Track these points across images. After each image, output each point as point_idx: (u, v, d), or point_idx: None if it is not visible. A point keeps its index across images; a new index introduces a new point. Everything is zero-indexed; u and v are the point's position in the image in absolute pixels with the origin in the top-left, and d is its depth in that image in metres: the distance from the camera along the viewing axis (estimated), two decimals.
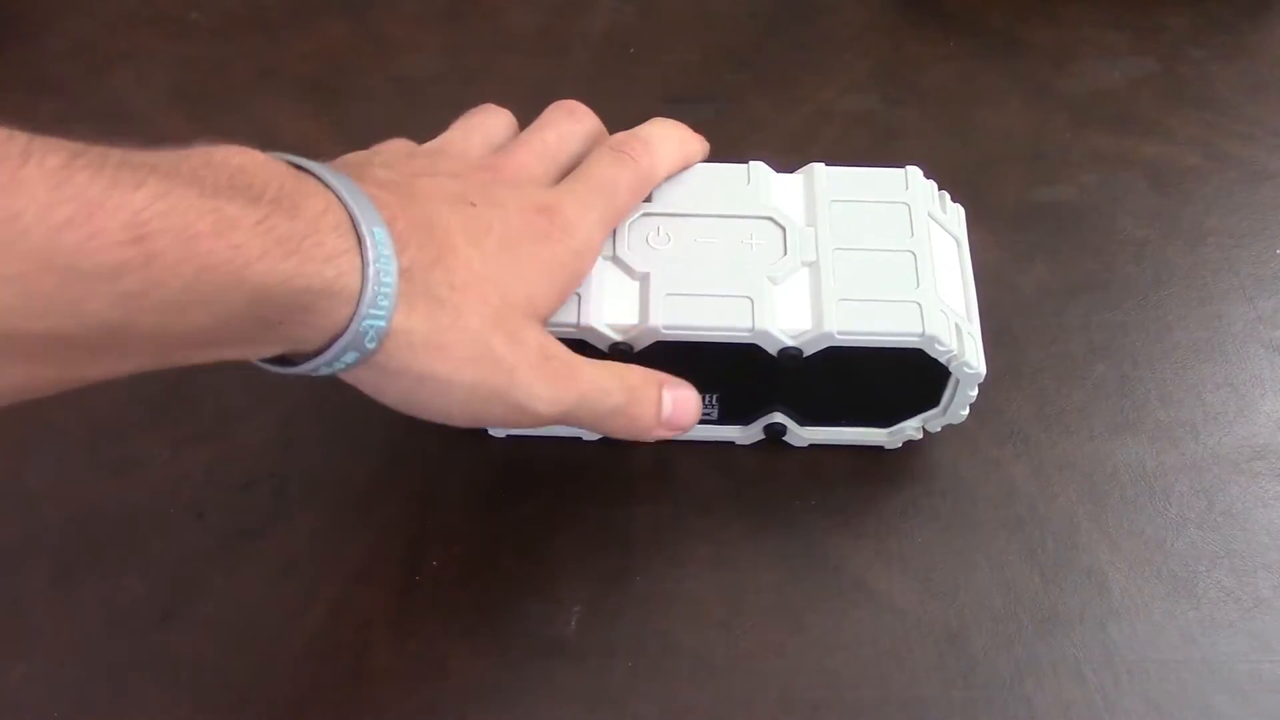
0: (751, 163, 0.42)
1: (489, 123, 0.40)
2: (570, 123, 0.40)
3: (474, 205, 0.34)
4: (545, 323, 0.36)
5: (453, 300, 0.32)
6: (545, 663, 0.38)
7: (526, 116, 0.41)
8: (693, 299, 0.38)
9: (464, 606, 0.39)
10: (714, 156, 0.42)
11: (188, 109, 0.55)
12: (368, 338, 0.30)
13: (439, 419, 0.34)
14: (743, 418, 0.42)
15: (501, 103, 0.42)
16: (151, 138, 0.52)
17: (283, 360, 0.31)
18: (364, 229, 0.29)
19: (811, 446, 0.43)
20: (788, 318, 0.38)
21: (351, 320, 0.29)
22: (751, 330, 0.37)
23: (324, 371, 0.31)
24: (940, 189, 0.43)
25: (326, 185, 0.30)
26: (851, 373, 0.39)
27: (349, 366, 0.31)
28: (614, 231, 0.39)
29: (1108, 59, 0.58)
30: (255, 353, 0.30)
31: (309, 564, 0.40)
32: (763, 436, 0.43)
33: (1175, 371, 0.46)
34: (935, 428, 0.42)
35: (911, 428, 0.42)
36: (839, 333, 0.37)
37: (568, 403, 0.34)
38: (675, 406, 0.37)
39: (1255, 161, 0.53)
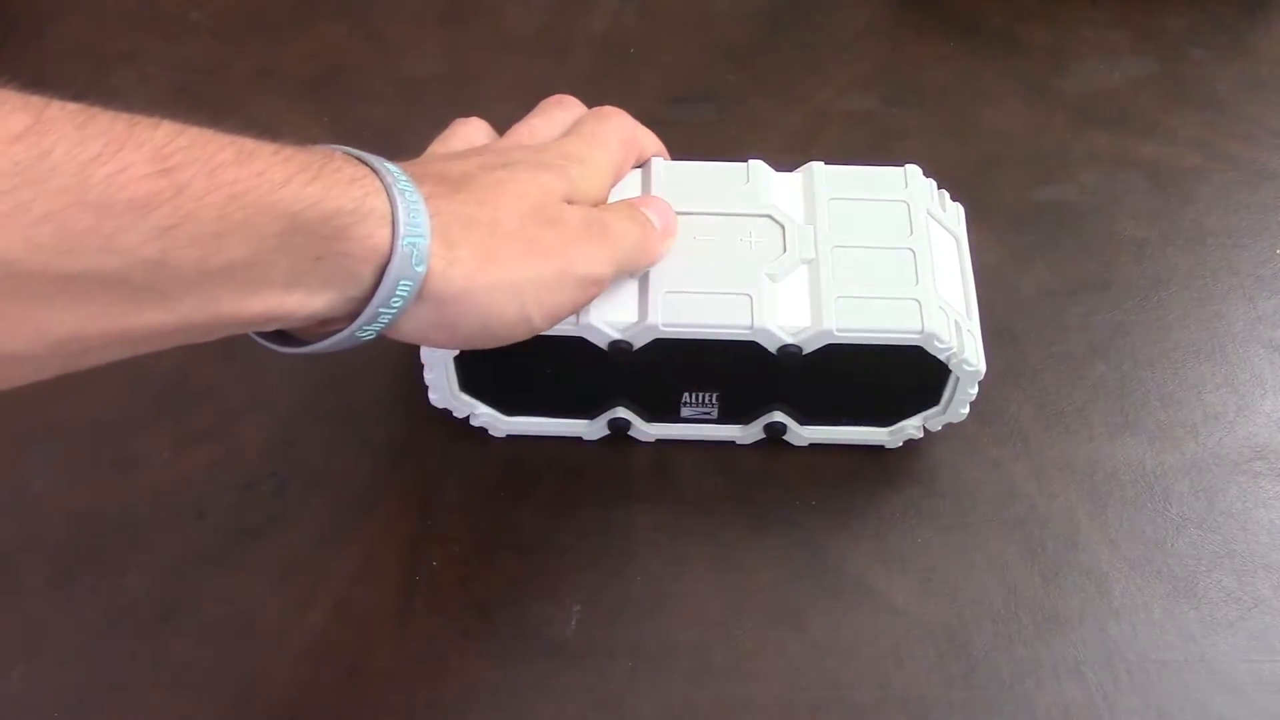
0: (750, 161, 0.42)
1: (466, 131, 0.40)
2: (559, 110, 0.41)
3: (472, 156, 0.36)
4: (573, 206, 0.36)
5: (483, 213, 0.32)
6: (545, 663, 0.38)
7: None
8: (692, 296, 0.38)
9: (464, 606, 0.39)
10: (714, 156, 0.42)
11: (188, 109, 0.54)
12: (414, 258, 0.29)
13: (520, 331, 0.33)
14: (743, 417, 0.42)
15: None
16: None
17: (335, 329, 0.31)
18: (374, 162, 0.30)
19: (812, 446, 0.43)
20: (787, 315, 0.38)
21: (394, 241, 0.29)
22: (751, 328, 0.37)
23: (384, 319, 0.30)
24: (940, 188, 0.43)
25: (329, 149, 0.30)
26: (851, 371, 0.39)
27: (405, 302, 0.30)
28: None
29: (1108, 59, 0.58)
30: (307, 300, 0.29)
31: (309, 564, 0.40)
32: (763, 436, 0.43)
33: (1175, 371, 0.46)
34: (936, 426, 0.42)
35: (912, 426, 0.42)
36: (838, 330, 0.37)
37: (618, 255, 0.36)
38: (659, 216, 0.38)
39: (1255, 161, 0.53)
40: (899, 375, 0.39)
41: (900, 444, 0.43)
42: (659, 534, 0.41)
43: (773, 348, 0.38)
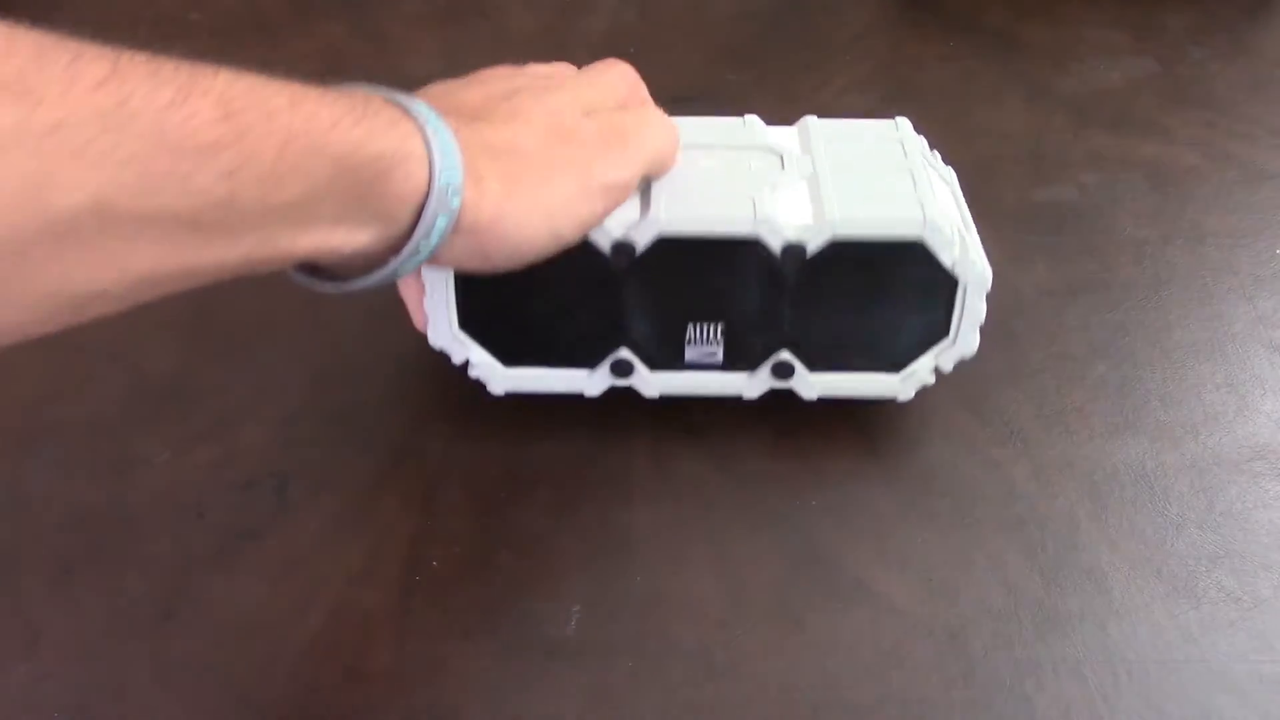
0: (746, 116, 0.43)
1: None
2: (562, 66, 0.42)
3: (484, 83, 0.37)
4: (588, 115, 0.37)
5: (504, 140, 0.34)
6: (545, 663, 0.38)
7: None
8: (696, 200, 0.38)
9: (464, 606, 0.39)
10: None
11: None
12: (450, 193, 0.31)
13: (551, 247, 0.35)
14: (748, 360, 0.42)
15: None
16: None
17: (377, 266, 0.33)
18: (406, 103, 0.32)
19: (812, 446, 0.43)
20: (790, 216, 0.38)
21: (431, 180, 0.31)
22: (754, 220, 0.37)
23: (424, 252, 0.32)
24: (932, 149, 0.43)
25: (361, 91, 0.32)
26: (855, 289, 0.39)
27: (443, 235, 0.32)
28: None
29: (1108, 59, 0.58)
30: (353, 236, 0.31)
31: (309, 564, 0.40)
32: (770, 385, 0.42)
33: (1175, 371, 0.46)
34: (948, 365, 0.41)
35: (924, 370, 0.41)
36: (841, 221, 0.37)
37: (640, 157, 0.37)
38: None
39: (1255, 161, 0.53)
40: (904, 293, 0.39)
41: (912, 395, 0.42)
42: (659, 534, 0.41)
43: (777, 247, 0.38)
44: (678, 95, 0.56)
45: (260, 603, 0.39)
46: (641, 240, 0.38)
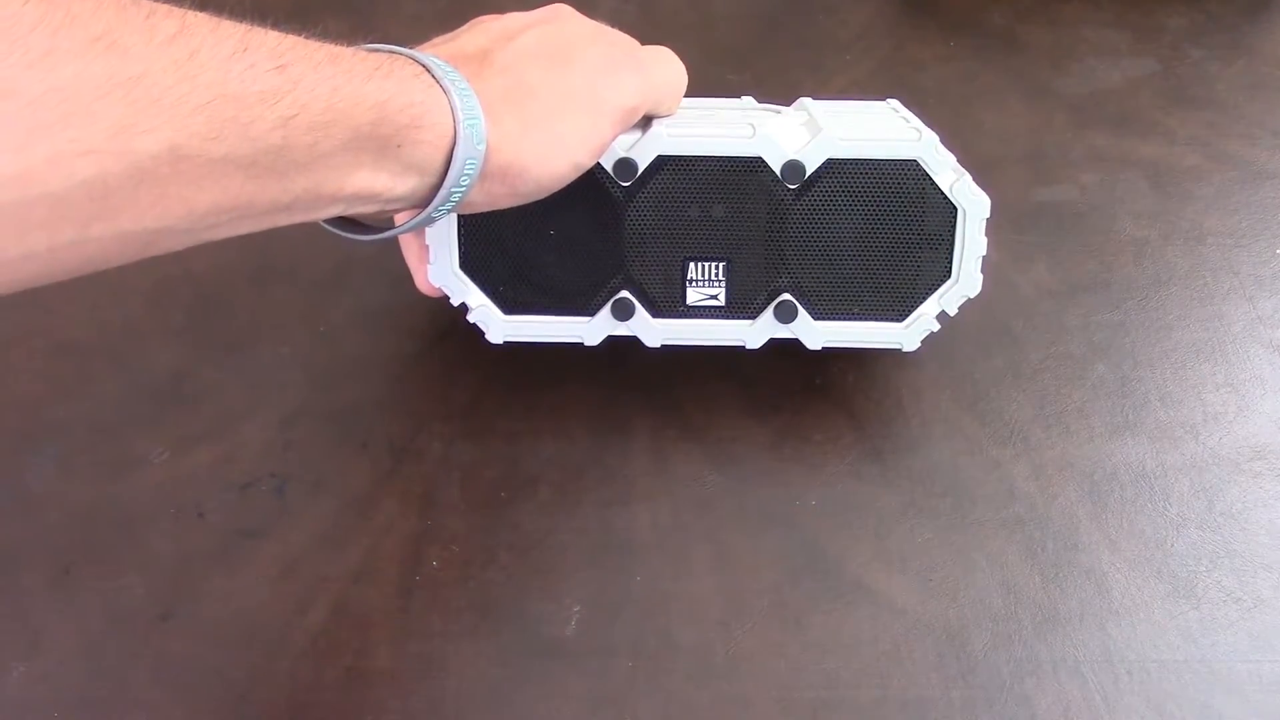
0: (742, 96, 0.45)
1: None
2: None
3: (483, 23, 0.38)
4: (595, 41, 0.38)
5: (512, 80, 0.35)
6: (545, 663, 0.38)
7: None
8: (696, 125, 0.39)
9: (464, 606, 0.39)
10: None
11: None
12: (474, 138, 0.33)
13: (572, 174, 0.36)
14: (751, 305, 0.41)
15: None
16: None
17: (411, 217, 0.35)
18: (421, 58, 0.33)
19: (811, 446, 0.43)
20: (789, 140, 0.39)
21: (456, 126, 0.32)
22: (754, 138, 0.38)
23: (455, 197, 0.34)
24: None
25: (374, 49, 0.34)
26: (855, 220, 0.39)
27: (472, 180, 0.34)
28: None
29: (1108, 59, 0.58)
30: (393, 183, 0.33)
31: (309, 564, 0.40)
32: (774, 333, 0.42)
33: (1175, 371, 0.46)
34: (952, 307, 0.41)
35: (929, 315, 0.41)
36: (840, 139, 0.38)
37: (645, 81, 0.38)
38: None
39: (1255, 161, 0.53)
40: (905, 226, 0.40)
41: (918, 345, 0.42)
42: (659, 534, 0.41)
43: (776, 166, 0.38)
44: None
45: (260, 603, 0.39)
46: (643, 158, 0.38)
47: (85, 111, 0.25)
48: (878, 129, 0.40)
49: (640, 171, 0.38)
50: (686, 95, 0.42)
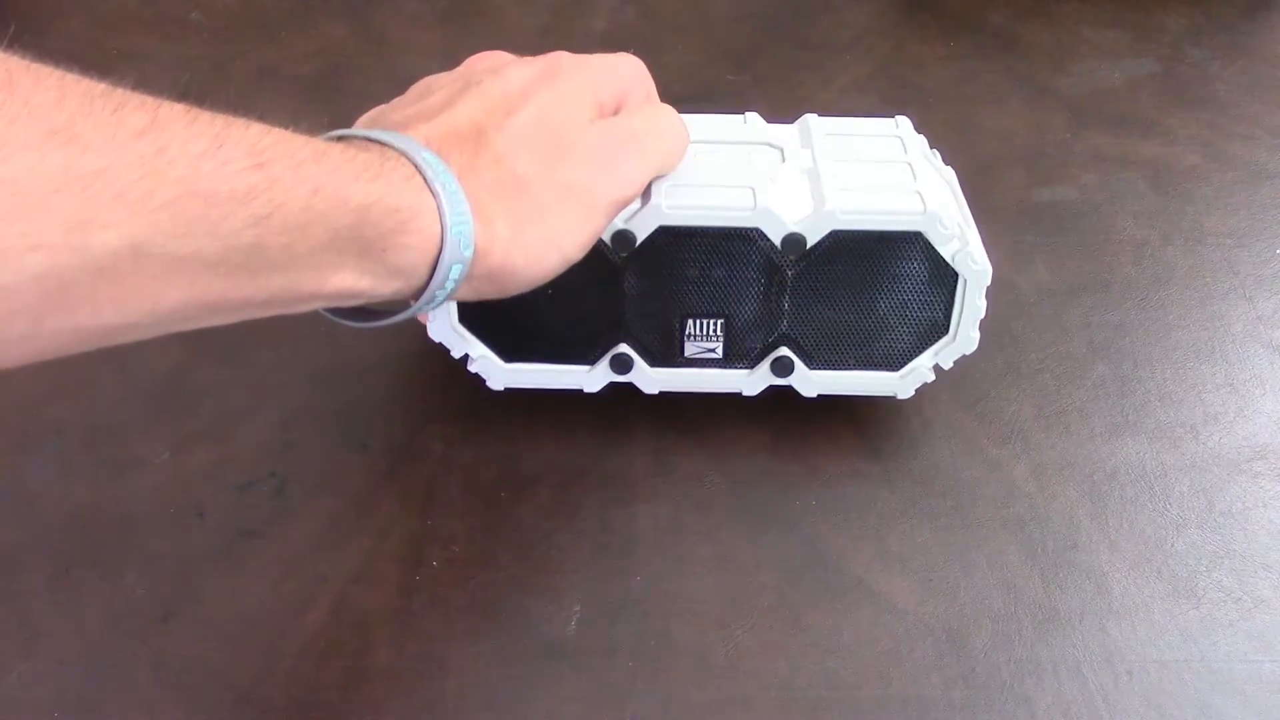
0: (746, 113, 0.43)
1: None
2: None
3: (480, 83, 0.36)
4: (592, 123, 0.37)
5: (506, 171, 0.34)
6: (545, 663, 0.38)
7: None
8: (696, 188, 0.38)
9: (464, 606, 0.39)
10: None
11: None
12: (462, 244, 0.32)
13: (563, 266, 0.36)
14: (748, 357, 0.42)
15: None
16: None
17: (397, 310, 0.34)
18: (416, 156, 0.32)
19: (812, 445, 0.43)
20: (790, 208, 0.38)
21: (443, 233, 0.32)
22: (754, 210, 0.37)
23: (440, 297, 0.33)
24: (932, 148, 0.43)
25: (367, 137, 0.33)
26: (855, 284, 0.39)
27: (457, 283, 0.33)
28: None
29: (1108, 59, 0.58)
30: (378, 285, 0.32)
31: (309, 564, 0.40)
32: (770, 382, 0.42)
33: (1175, 371, 0.46)
34: (947, 362, 0.41)
35: (924, 367, 0.41)
36: (842, 212, 0.37)
37: (648, 163, 0.37)
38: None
39: (1255, 161, 0.53)
40: (904, 291, 0.39)
41: (912, 393, 0.42)
42: (659, 534, 0.41)
43: (777, 238, 0.38)
44: (677, 95, 0.56)
45: (260, 603, 0.39)
46: (642, 231, 0.38)
47: (38, 205, 0.24)
48: (881, 192, 0.38)
49: (639, 243, 0.38)
50: (689, 109, 0.41)
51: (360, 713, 0.37)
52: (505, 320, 0.41)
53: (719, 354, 0.42)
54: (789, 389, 0.43)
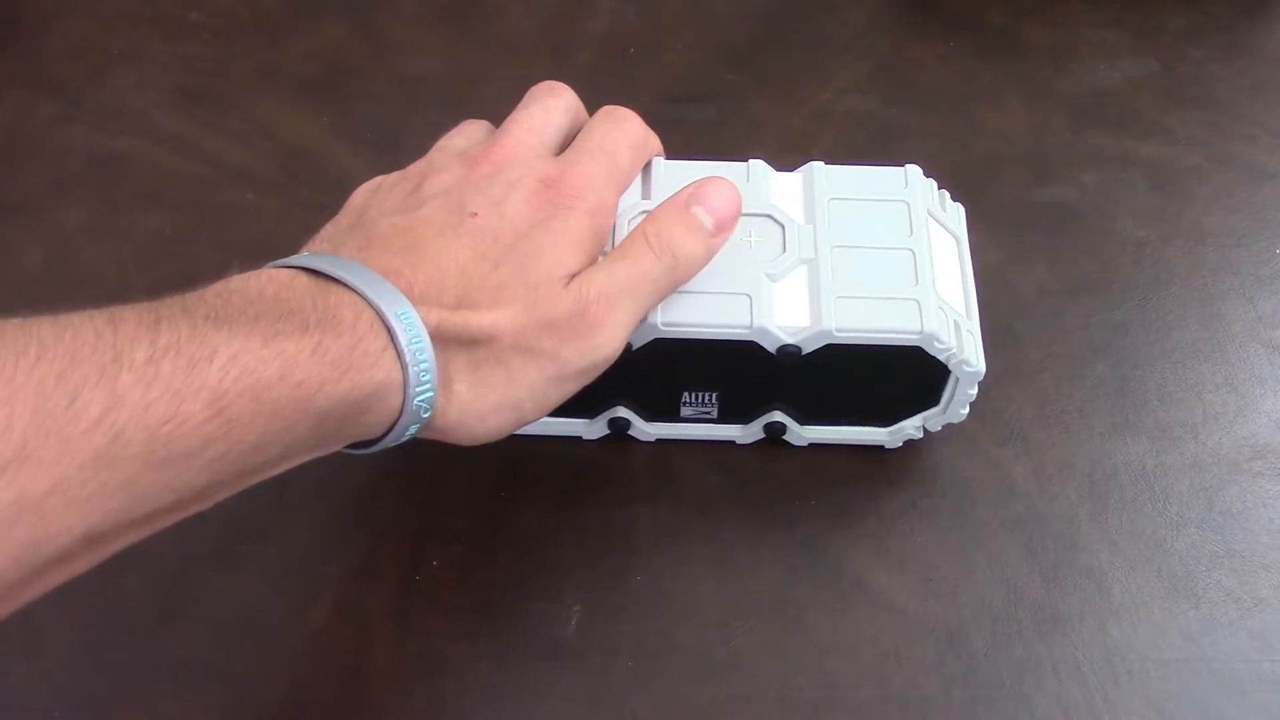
0: (750, 161, 0.42)
1: (467, 130, 0.40)
2: (552, 98, 0.40)
3: (476, 215, 0.34)
4: (572, 279, 0.34)
5: (483, 326, 0.32)
6: (545, 663, 0.38)
7: None
8: (691, 296, 0.38)
9: (464, 606, 0.39)
10: (714, 156, 0.42)
11: (188, 109, 0.55)
12: (422, 411, 0.31)
13: (517, 428, 0.35)
14: (742, 417, 0.42)
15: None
16: (152, 138, 0.52)
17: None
18: (392, 320, 0.30)
19: (812, 446, 0.43)
20: (786, 315, 0.38)
21: (404, 404, 0.31)
22: (750, 328, 0.37)
23: (390, 447, 0.33)
24: (940, 189, 0.43)
25: (346, 286, 0.31)
26: (851, 371, 0.39)
27: (412, 436, 0.33)
28: (614, 227, 0.39)
29: (1108, 59, 0.58)
30: (326, 451, 0.31)
31: (309, 564, 0.40)
32: (763, 436, 0.43)
33: (1175, 371, 0.46)
34: (935, 426, 0.42)
35: (912, 427, 0.42)
36: (837, 330, 0.37)
37: (629, 319, 0.35)
38: (715, 205, 0.37)
39: (1255, 161, 0.53)
40: (898, 375, 0.39)
41: (900, 444, 0.43)
42: (659, 534, 0.41)
43: (772, 348, 0.38)
44: (678, 95, 0.56)
45: (260, 602, 0.39)
46: (638, 341, 0.38)
47: None
48: (880, 304, 0.38)
49: (634, 349, 0.38)
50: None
51: (360, 713, 0.37)
52: None
53: (714, 415, 0.42)
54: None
